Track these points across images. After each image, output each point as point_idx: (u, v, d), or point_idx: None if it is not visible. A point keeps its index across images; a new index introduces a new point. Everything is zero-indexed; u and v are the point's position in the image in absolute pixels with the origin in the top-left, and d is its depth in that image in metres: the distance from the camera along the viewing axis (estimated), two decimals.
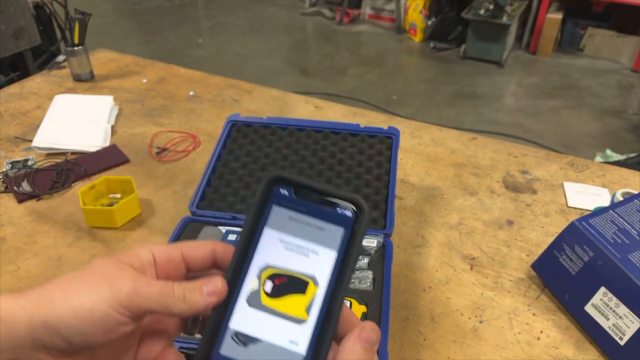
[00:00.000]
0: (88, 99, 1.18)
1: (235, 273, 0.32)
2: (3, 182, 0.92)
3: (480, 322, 0.67)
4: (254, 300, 0.31)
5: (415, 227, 0.83)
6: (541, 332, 0.66)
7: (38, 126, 1.07)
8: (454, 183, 0.93)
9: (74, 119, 1.10)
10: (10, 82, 1.58)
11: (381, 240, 0.70)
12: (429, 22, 3.48)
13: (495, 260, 0.77)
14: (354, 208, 0.32)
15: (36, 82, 1.30)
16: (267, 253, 0.32)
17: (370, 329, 0.30)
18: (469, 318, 0.67)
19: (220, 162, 0.85)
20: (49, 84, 1.29)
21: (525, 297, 0.70)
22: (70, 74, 1.30)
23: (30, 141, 1.02)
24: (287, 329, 0.30)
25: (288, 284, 0.31)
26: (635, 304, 0.59)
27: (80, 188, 0.85)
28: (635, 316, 0.58)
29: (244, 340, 0.30)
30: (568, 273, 0.66)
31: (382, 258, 0.68)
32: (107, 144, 1.04)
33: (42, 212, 0.86)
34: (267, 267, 0.32)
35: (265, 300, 0.31)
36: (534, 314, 0.68)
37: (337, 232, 0.32)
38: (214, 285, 0.30)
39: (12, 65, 1.81)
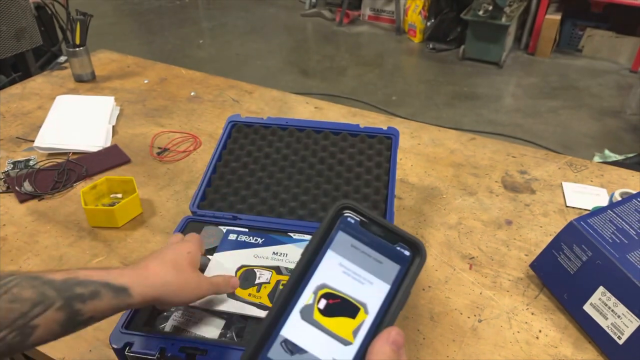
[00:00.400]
0: (89, 99, 1.18)
1: (295, 285, 0.34)
2: (5, 182, 0.92)
3: (479, 321, 0.67)
4: (306, 314, 0.33)
5: (414, 227, 0.83)
6: (540, 331, 0.66)
7: (39, 126, 1.07)
8: (453, 183, 0.94)
9: (76, 120, 1.10)
10: (12, 82, 1.59)
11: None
12: (428, 23, 3.48)
13: (494, 259, 0.77)
14: (413, 249, 0.34)
15: (38, 82, 1.30)
16: (326, 273, 0.34)
17: (397, 333, 0.32)
18: (468, 317, 0.68)
19: (220, 162, 0.85)
20: (51, 84, 1.29)
21: (524, 297, 0.71)
22: (71, 74, 1.30)
23: (32, 141, 1.03)
24: (333, 347, 0.32)
25: (340, 306, 0.33)
26: (633, 303, 0.59)
27: (81, 188, 0.85)
28: (633, 315, 0.59)
29: (292, 348, 0.32)
30: (567, 272, 0.67)
31: None
32: (109, 144, 1.04)
33: (43, 212, 0.86)
34: (324, 286, 0.34)
35: (317, 316, 0.33)
36: (532, 313, 0.68)
37: (393, 268, 0.34)
38: (235, 282, 0.56)
39: (13, 66, 1.81)
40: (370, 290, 0.33)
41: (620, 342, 0.60)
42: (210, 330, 0.58)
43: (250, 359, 0.32)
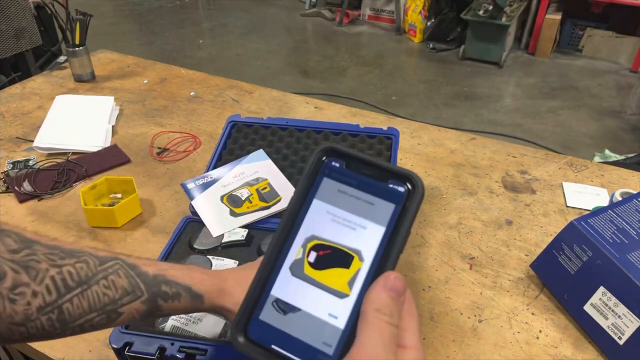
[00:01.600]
0: (89, 99, 1.18)
1: (281, 241, 0.31)
2: (4, 182, 0.92)
3: (480, 321, 0.67)
4: (296, 270, 0.31)
5: (414, 226, 0.83)
6: (540, 331, 0.66)
7: (39, 126, 1.07)
8: (453, 183, 0.94)
9: (75, 120, 1.10)
10: (12, 82, 1.59)
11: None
12: (429, 23, 3.48)
13: (494, 259, 0.77)
14: (408, 184, 0.31)
15: (37, 82, 1.30)
16: (314, 224, 0.31)
17: (395, 277, 0.29)
18: (468, 317, 0.68)
19: (220, 162, 0.85)
20: (50, 84, 1.29)
21: (524, 297, 0.71)
22: (71, 74, 1.30)
23: (32, 141, 1.03)
24: (328, 302, 0.30)
25: (332, 257, 0.31)
26: (634, 304, 0.59)
27: (81, 188, 0.85)
28: (634, 316, 0.59)
29: (284, 308, 0.30)
30: (567, 273, 0.67)
31: None
32: (108, 144, 1.04)
33: (43, 212, 0.86)
34: (313, 237, 0.31)
35: (308, 271, 0.31)
36: (533, 314, 0.68)
37: (387, 208, 0.31)
38: None
39: (13, 66, 1.81)
40: (363, 235, 0.31)
41: (621, 342, 0.60)
42: (210, 330, 0.58)
43: (241, 324, 0.30)
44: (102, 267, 0.41)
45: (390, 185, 0.31)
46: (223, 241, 0.71)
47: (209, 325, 0.59)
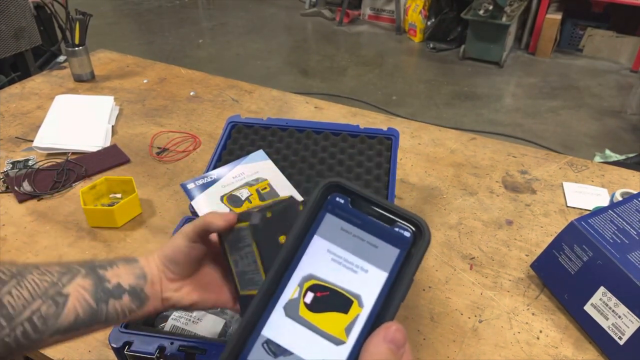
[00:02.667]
0: (89, 99, 1.18)
1: (276, 277, 0.29)
2: (4, 182, 0.92)
3: (480, 321, 0.67)
4: (291, 310, 0.29)
5: None
6: (540, 331, 0.66)
7: (39, 126, 1.07)
8: (454, 183, 0.94)
9: (75, 119, 1.10)
10: (11, 82, 1.59)
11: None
12: (429, 23, 3.48)
13: (494, 260, 0.77)
14: (414, 229, 0.29)
15: (37, 82, 1.30)
16: (313, 262, 0.29)
17: (396, 329, 0.28)
18: (469, 317, 0.67)
19: (220, 162, 0.85)
20: (50, 84, 1.29)
21: (524, 297, 0.71)
22: (71, 74, 1.30)
23: (31, 141, 1.02)
24: (323, 348, 0.28)
25: (330, 300, 0.29)
26: (634, 304, 0.59)
27: (81, 188, 0.85)
28: (634, 316, 0.59)
29: (275, 350, 0.28)
30: (567, 273, 0.67)
31: None
32: (108, 144, 1.04)
33: (42, 212, 0.86)
34: (311, 277, 0.29)
35: (304, 313, 0.29)
36: (533, 314, 0.68)
37: (391, 253, 0.29)
38: (228, 216, 0.45)
39: (12, 66, 1.81)
40: (364, 279, 0.29)
41: (621, 342, 0.60)
42: (210, 330, 0.58)
43: None
44: (32, 265, 0.41)
45: (396, 229, 0.30)
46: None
47: (208, 325, 0.59)
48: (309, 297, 0.29)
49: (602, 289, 0.62)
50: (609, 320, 0.61)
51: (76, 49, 1.25)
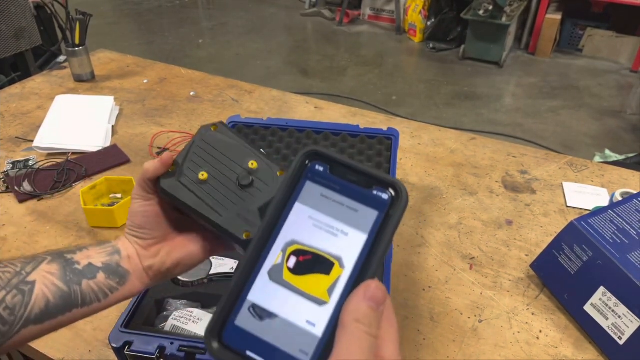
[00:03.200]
0: (89, 99, 1.18)
1: (260, 244, 0.31)
2: (4, 182, 0.92)
3: (480, 321, 0.67)
4: (275, 275, 0.30)
5: (414, 227, 0.83)
6: (540, 331, 0.66)
7: (39, 126, 1.07)
8: (454, 183, 0.94)
9: (75, 119, 1.10)
10: (12, 82, 1.59)
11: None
12: (429, 23, 3.48)
13: (494, 260, 0.77)
14: (392, 192, 0.31)
15: (37, 82, 1.30)
16: (295, 229, 0.31)
17: (376, 287, 0.28)
18: (469, 317, 0.67)
19: None
20: (50, 84, 1.29)
21: (524, 297, 0.71)
22: (71, 74, 1.30)
23: (31, 141, 1.02)
24: (306, 309, 0.29)
25: (312, 263, 0.30)
26: (634, 304, 0.59)
27: (81, 188, 0.85)
28: (634, 316, 0.59)
29: (261, 313, 0.30)
30: (567, 273, 0.67)
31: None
32: (108, 144, 1.04)
33: (43, 212, 0.86)
34: (293, 242, 0.31)
35: (287, 276, 0.30)
36: (533, 314, 0.68)
37: (370, 215, 0.30)
38: (164, 157, 0.42)
39: (13, 66, 1.81)
40: (345, 242, 0.30)
41: (621, 342, 0.60)
42: None
43: (216, 329, 0.30)
44: None
45: (374, 192, 0.31)
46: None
47: None
48: (292, 261, 0.30)
49: (602, 289, 0.62)
50: (608, 320, 0.61)
51: (76, 49, 1.25)
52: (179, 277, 0.66)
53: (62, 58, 1.99)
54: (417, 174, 0.96)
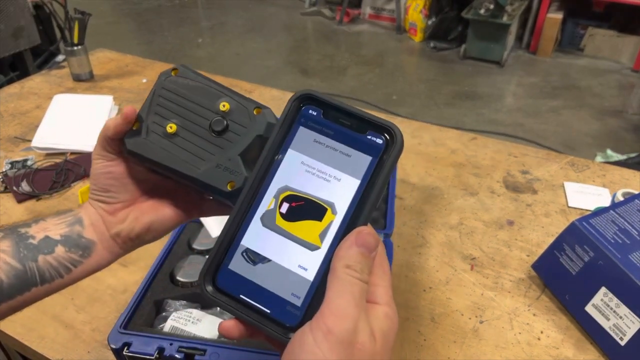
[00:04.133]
0: (88, 98, 1.18)
1: (253, 190, 0.31)
2: (2, 182, 0.92)
3: (481, 322, 0.67)
4: (268, 220, 0.30)
5: (415, 227, 0.83)
6: (541, 332, 0.65)
7: (37, 126, 1.07)
8: (454, 183, 0.93)
9: (74, 119, 1.09)
10: (10, 82, 1.58)
11: (381, 239, 0.70)
12: (429, 22, 3.48)
13: (495, 260, 0.77)
14: (386, 135, 0.30)
15: (36, 82, 1.30)
16: (288, 175, 0.31)
17: (367, 232, 0.28)
18: (469, 318, 0.67)
19: None
20: (49, 83, 1.29)
21: (525, 298, 0.70)
22: (69, 73, 1.30)
23: (30, 141, 1.02)
24: (299, 254, 0.29)
25: (305, 208, 0.30)
26: (635, 304, 0.58)
27: (79, 188, 0.85)
28: (635, 316, 0.58)
29: (254, 258, 0.30)
30: (568, 273, 0.66)
31: None
32: None
33: (41, 212, 0.86)
34: (286, 188, 0.30)
35: (280, 222, 0.30)
36: (534, 314, 0.68)
37: (364, 160, 0.30)
38: (126, 111, 0.39)
39: (11, 65, 1.81)
40: (338, 187, 0.30)
41: (622, 343, 0.60)
42: (209, 330, 0.58)
43: (210, 273, 0.30)
44: None
45: (368, 137, 0.30)
46: None
47: (208, 326, 0.59)
48: (285, 207, 0.30)
49: (603, 289, 0.62)
50: (610, 320, 0.61)
51: (75, 48, 1.25)
52: (179, 278, 0.65)
53: (60, 57, 1.98)
54: (417, 174, 0.96)
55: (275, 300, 0.29)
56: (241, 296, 0.29)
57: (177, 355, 0.54)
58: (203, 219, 0.74)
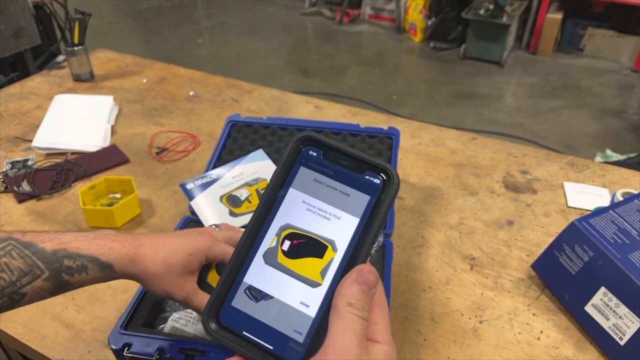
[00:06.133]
0: (88, 99, 1.18)
1: (255, 228, 0.31)
2: (3, 182, 0.92)
3: (481, 322, 0.67)
4: (270, 258, 0.31)
5: (415, 227, 0.83)
6: (541, 332, 0.65)
7: (38, 126, 1.07)
8: (454, 183, 0.93)
9: (74, 119, 1.10)
10: (10, 82, 1.58)
11: (381, 240, 0.70)
12: (429, 22, 3.48)
13: (495, 260, 0.77)
14: (383, 176, 0.31)
15: (36, 82, 1.30)
16: (289, 213, 0.31)
17: (368, 271, 0.29)
18: (469, 318, 0.67)
19: (220, 162, 0.85)
20: (49, 84, 1.29)
21: (525, 297, 0.70)
22: (70, 74, 1.30)
23: (30, 141, 1.02)
24: (300, 290, 0.30)
25: (306, 246, 0.31)
26: (635, 304, 0.59)
27: (80, 188, 0.85)
28: (635, 316, 0.58)
29: (256, 295, 0.30)
30: (568, 273, 0.66)
31: (382, 258, 0.68)
32: (107, 144, 1.04)
33: (42, 212, 0.86)
34: (288, 226, 0.31)
35: (282, 259, 0.31)
36: (534, 314, 0.68)
37: (362, 199, 0.31)
38: None
39: (12, 65, 1.81)
40: (338, 225, 0.31)
41: (622, 343, 0.60)
42: None
43: (213, 310, 0.30)
44: None
45: (366, 177, 0.32)
46: None
47: None
48: (286, 244, 0.31)
49: (602, 289, 0.62)
50: (609, 320, 0.61)
51: (75, 48, 1.25)
52: None
53: (61, 58, 1.98)
54: (417, 174, 0.96)
55: (278, 336, 0.30)
56: (244, 333, 0.30)
57: (177, 356, 0.53)
58: (203, 219, 0.75)
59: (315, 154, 0.32)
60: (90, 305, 0.69)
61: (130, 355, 0.54)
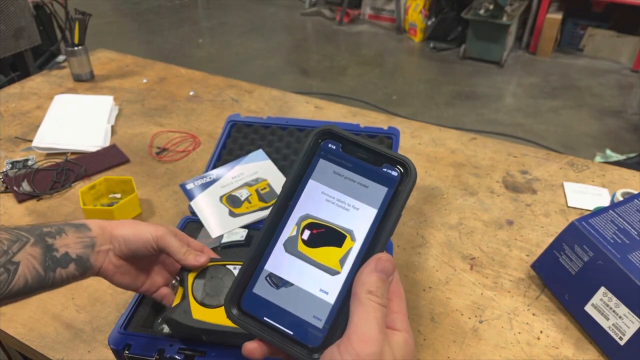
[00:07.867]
0: (88, 99, 1.18)
1: (276, 218, 0.32)
2: (3, 182, 0.92)
3: (480, 322, 0.67)
4: (290, 246, 0.32)
5: (415, 227, 0.83)
6: (541, 332, 0.66)
7: (38, 126, 1.07)
8: (454, 183, 0.94)
9: (74, 119, 1.10)
10: (11, 82, 1.58)
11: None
12: (429, 22, 3.48)
13: (495, 260, 0.77)
14: (401, 168, 0.32)
15: (36, 82, 1.30)
16: (309, 203, 0.33)
17: (386, 259, 0.30)
18: (469, 318, 0.67)
19: (220, 162, 0.85)
20: (49, 84, 1.29)
21: (525, 297, 0.70)
22: (70, 74, 1.30)
23: (31, 141, 1.02)
24: (320, 278, 0.31)
25: (325, 235, 0.32)
26: (635, 304, 0.59)
27: (80, 188, 0.85)
28: (635, 316, 0.58)
29: (277, 282, 0.31)
30: (568, 273, 0.66)
31: None
32: (107, 144, 1.04)
33: (42, 212, 0.86)
34: (307, 216, 0.32)
35: (302, 248, 0.32)
36: (533, 314, 0.68)
37: (380, 191, 0.32)
38: (202, 258, 0.51)
39: (12, 66, 1.81)
40: (356, 216, 0.32)
41: (622, 342, 0.60)
42: None
43: (235, 296, 0.31)
44: None
45: (384, 169, 0.33)
46: (222, 242, 0.70)
47: None
48: (306, 234, 0.32)
49: (602, 289, 0.62)
50: (609, 320, 0.61)
51: (75, 48, 1.25)
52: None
53: (61, 58, 1.98)
54: (417, 174, 0.96)
55: (298, 322, 0.31)
56: (265, 318, 0.31)
57: (177, 357, 0.54)
58: (203, 219, 0.75)
59: (334, 147, 0.33)
60: (90, 305, 0.69)
61: (130, 355, 0.54)
